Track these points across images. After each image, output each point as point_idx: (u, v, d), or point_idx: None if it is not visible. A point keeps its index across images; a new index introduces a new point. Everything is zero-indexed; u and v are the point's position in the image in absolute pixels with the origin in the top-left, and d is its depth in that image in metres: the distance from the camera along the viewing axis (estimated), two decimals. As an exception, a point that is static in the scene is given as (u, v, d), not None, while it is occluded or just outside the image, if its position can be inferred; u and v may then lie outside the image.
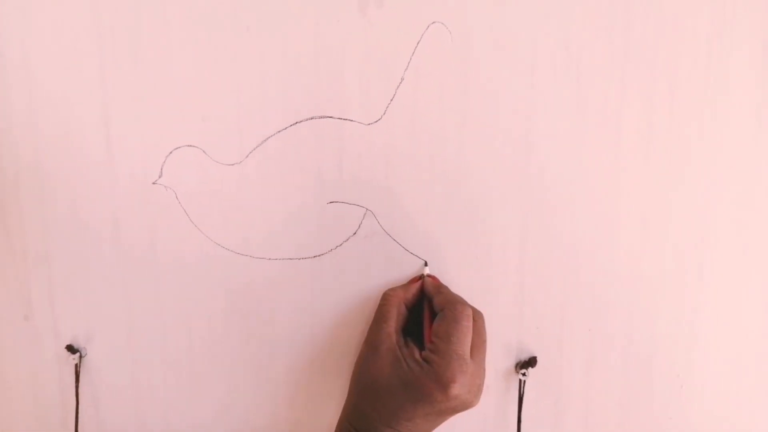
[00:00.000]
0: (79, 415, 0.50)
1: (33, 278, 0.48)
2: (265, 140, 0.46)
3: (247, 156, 0.46)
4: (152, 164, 0.46)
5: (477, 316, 0.43)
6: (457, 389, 0.39)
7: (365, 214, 0.47)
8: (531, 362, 0.48)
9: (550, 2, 0.43)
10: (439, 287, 0.45)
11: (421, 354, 0.41)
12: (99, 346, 0.49)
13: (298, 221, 0.46)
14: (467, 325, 0.41)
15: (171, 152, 0.46)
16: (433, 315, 0.44)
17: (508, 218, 0.46)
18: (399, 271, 0.47)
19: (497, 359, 0.48)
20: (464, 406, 0.40)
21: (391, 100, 0.45)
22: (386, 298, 0.45)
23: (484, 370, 0.42)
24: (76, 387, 0.49)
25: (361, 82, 0.44)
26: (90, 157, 0.46)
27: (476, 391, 0.41)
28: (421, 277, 0.46)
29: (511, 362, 0.49)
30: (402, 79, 0.44)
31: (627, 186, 0.46)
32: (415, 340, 0.43)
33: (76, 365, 0.49)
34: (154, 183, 0.46)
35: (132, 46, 0.44)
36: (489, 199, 0.46)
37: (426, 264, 0.47)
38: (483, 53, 0.44)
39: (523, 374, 0.48)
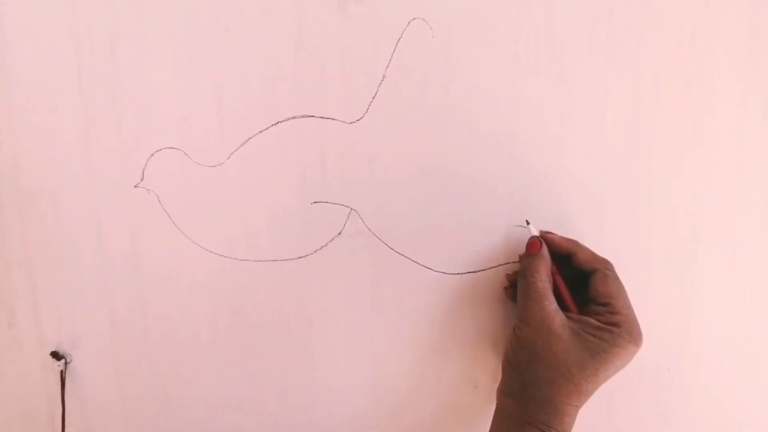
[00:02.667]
0: (66, 421, 0.49)
1: (16, 285, 0.47)
2: (246, 141, 0.45)
3: (229, 157, 0.45)
4: (133, 167, 0.46)
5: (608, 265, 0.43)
6: (641, 343, 0.40)
7: (350, 213, 0.46)
8: (520, 360, 0.47)
9: (531, -4, 0.43)
10: (575, 242, 0.44)
11: (599, 320, 0.40)
12: (84, 352, 0.49)
13: (282, 222, 0.46)
14: (620, 280, 0.41)
15: (152, 155, 0.45)
16: (569, 272, 0.43)
17: (492, 214, 0.46)
18: (385, 270, 0.47)
19: (486, 357, 0.48)
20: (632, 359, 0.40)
21: (373, 98, 0.44)
22: (535, 273, 0.41)
23: None
24: (62, 393, 0.49)
25: (342, 81, 0.44)
26: (70, 161, 0.45)
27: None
28: (540, 240, 0.43)
29: (500, 360, 0.48)
30: (384, 76, 0.44)
31: (612, 180, 0.46)
32: (569, 313, 0.41)
33: (61, 372, 0.49)
34: (135, 186, 0.46)
35: (110, 47, 0.44)
36: (474, 196, 0.46)
37: (528, 222, 0.44)
38: (464, 48, 0.44)
39: (512, 372, 0.47)
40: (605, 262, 0.42)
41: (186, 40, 0.44)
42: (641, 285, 0.47)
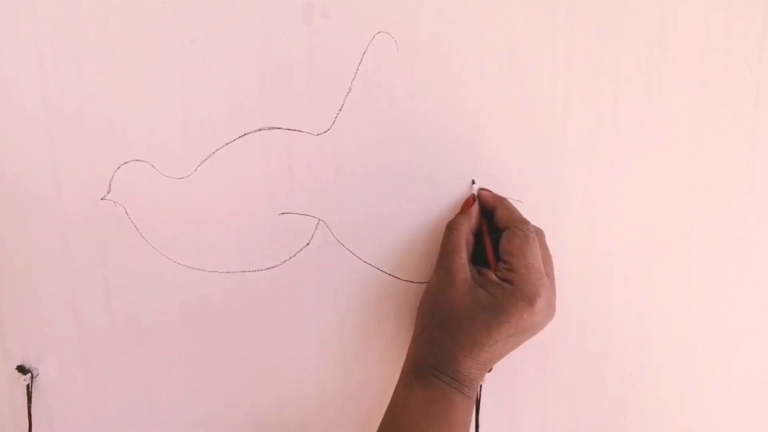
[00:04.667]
0: (33, 436, 0.49)
1: (-19, 298, 0.47)
2: (213, 153, 0.45)
3: (196, 169, 0.45)
4: (100, 180, 0.45)
5: (539, 232, 0.44)
6: (541, 303, 0.39)
7: (318, 224, 0.46)
8: (487, 367, 0.48)
9: (494, 10, 0.44)
10: (501, 199, 0.45)
11: (497, 275, 0.41)
12: (51, 365, 0.48)
13: (249, 233, 0.46)
14: (535, 241, 0.41)
15: (119, 167, 0.45)
16: (493, 233, 0.43)
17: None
18: (354, 280, 0.47)
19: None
20: (544, 322, 0.41)
21: (340, 110, 0.45)
22: (453, 229, 0.43)
23: (555, 287, 0.42)
24: (29, 408, 0.48)
25: (308, 93, 0.44)
26: (35, 174, 0.45)
27: (553, 307, 0.41)
28: (474, 198, 0.45)
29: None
30: (350, 89, 0.45)
31: (573, 187, 0.47)
32: (480, 266, 0.43)
33: (27, 386, 0.48)
34: (102, 198, 0.46)
35: (75, 59, 0.44)
36: (440, 206, 0.46)
37: (474, 182, 0.46)
38: (429, 61, 0.44)
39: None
40: (521, 222, 0.42)
41: (152, 52, 0.44)
42: (603, 291, 0.48)
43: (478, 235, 0.45)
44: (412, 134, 0.45)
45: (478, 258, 0.44)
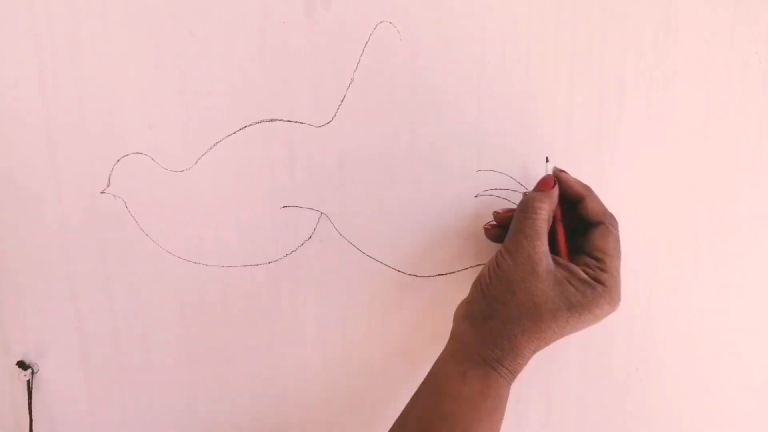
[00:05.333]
0: (33, 432, 0.48)
1: (-20, 294, 0.47)
2: (214, 145, 0.45)
3: (196, 162, 0.45)
4: (99, 173, 0.45)
5: (613, 223, 0.41)
6: (620, 302, 0.39)
7: (320, 217, 0.46)
8: (491, 361, 0.48)
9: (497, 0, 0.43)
10: (589, 188, 0.41)
11: (586, 272, 0.38)
12: (51, 361, 0.48)
13: (251, 227, 0.46)
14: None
15: (118, 160, 0.45)
16: (569, 221, 0.41)
17: (462, 216, 0.46)
18: (356, 273, 0.47)
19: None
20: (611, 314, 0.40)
21: (342, 101, 0.44)
22: (536, 209, 0.39)
23: None
24: (29, 404, 0.48)
25: (310, 84, 0.44)
26: (34, 168, 0.45)
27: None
28: (554, 179, 0.41)
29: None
30: (352, 79, 0.44)
31: (578, 177, 0.46)
32: (560, 259, 0.40)
33: (28, 381, 0.48)
34: (102, 192, 0.45)
35: (73, 52, 0.43)
36: (443, 198, 0.46)
37: (547, 159, 0.43)
38: (431, 51, 0.44)
39: (484, 374, 0.47)
40: (612, 218, 0.40)
41: (151, 44, 0.43)
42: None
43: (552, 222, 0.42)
44: (414, 126, 0.45)
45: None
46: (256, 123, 0.44)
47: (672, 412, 0.50)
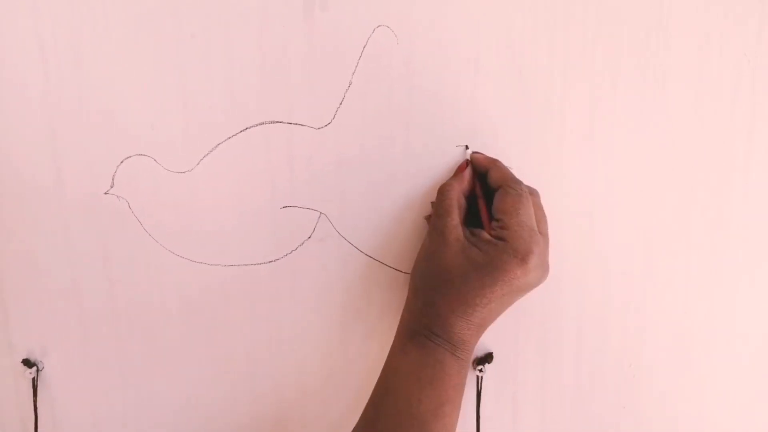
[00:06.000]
0: (38, 430, 0.49)
1: (-15, 293, 0.47)
2: (215, 147, 0.46)
3: (198, 163, 0.46)
4: (103, 175, 0.46)
5: (534, 192, 0.44)
6: (534, 260, 0.39)
7: (319, 217, 0.47)
8: (487, 358, 0.49)
9: (492, 3, 0.44)
10: (493, 160, 0.45)
11: (490, 233, 0.41)
12: (56, 359, 0.49)
13: (251, 227, 0.47)
14: (528, 199, 0.42)
15: (121, 162, 0.46)
16: (488, 194, 0.44)
17: (459, 217, 0.47)
18: (355, 273, 0.48)
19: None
20: (538, 280, 0.41)
21: (340, 103, 0.45)
22: (445, 192, 0.43)
23: (548, 246, 0.42)
24: (34, 401, 0.49)
25: (309, 87, 0.45)
26: (38, 169, 0.45)
27: (547, 266, 0.41)
28: (468, 162, 0.45)
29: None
30: (350, 82, 0.45)
31: (572, 179, 0.47)
32: (475, 229, 0.42)
33: (33, 379, 0.48)
34: (105, 193, 0.46)
35: (76, 56, 0.44)
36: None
37: (467, 147, 0.46)
38: (428, 55, 0.45)
39: (480, 370, 0.48)
40: (514, 182, 0.43)
41: (153, 47, 0.44)
42: (602, 282, 0.48)
43: (472, 198, 0.45)
44: (411, 127, 0.46)
45: (473, 221, 0.44)
46: (257, 125, 0.45)
47: (665, 407, 0.51)
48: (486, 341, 0.49)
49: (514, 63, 0.45)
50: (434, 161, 0.46)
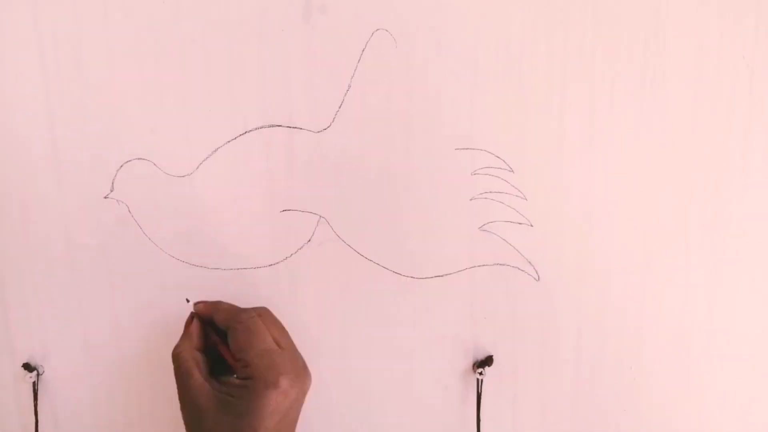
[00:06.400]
0: (39, 433, 0.49)
1: (-14, 297, 0.48)
2: (215, 151, 0.46)
3: (197, 167, 0.46)
4: (103, 178, 0.46)
5: (262, 312, 0.43)
6: (285, 381, 0.38)
7: (319, 221, 0.47)
8: (488, 361, 0.49)
9: (490, 7, 0.44)
10: (213, 305, 0.44)
11: (238, 376, 0.40)
12: (56, 363, 0.49)
13: (251, 230, 0.47)
14: (258, 325, 0.41)
15: (121, 166, 0.46)
16: (223, 336, 0.42)
17: (457, 219, 0.47)
18: (355, 276, 0.48)
19: (455, 360, 0.49)
20: (302, 391, 0.40)
21: (339, 107, 0.45)
22: (177, 357, 0.42)
23: (297, 350, 0.42)
24: (35, 405, 0.49)
25: (308, 91, 0.45)
26: (39, 173, 0.46)
27: (303, 372, 0.41)
28: (192, 315, 0.44)
29: (469, 362, 0.49)
30: (349, 86, 0.45)
31: (571, 182, 0.47)
32: (222, 377, 0.42)
33: (33, 383, 0.49)
34: (105, 197, 0.46)
35: (76, 60, 0.44)
36: (438, 201, 0.47)
37: (188, 300, 0.46)
38: (426, 58, 0.45)
39: (480, 373, 0.48)
40: (238, 315, 0.42)
41: (152, 51, 0.44)
42: (601, 286, 0.48)
43: (214, 347, 0.43)
44: (410, 130, 0.46)
45: (223, 367, 0.43)
46: (256, 129, 0.45)
47: (665, 410, 0.51)
48: (486, 344, 0.49)
49: (513, 66, 0.45)
50: (433, 164, 0.46)
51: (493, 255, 0.48)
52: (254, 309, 0.43)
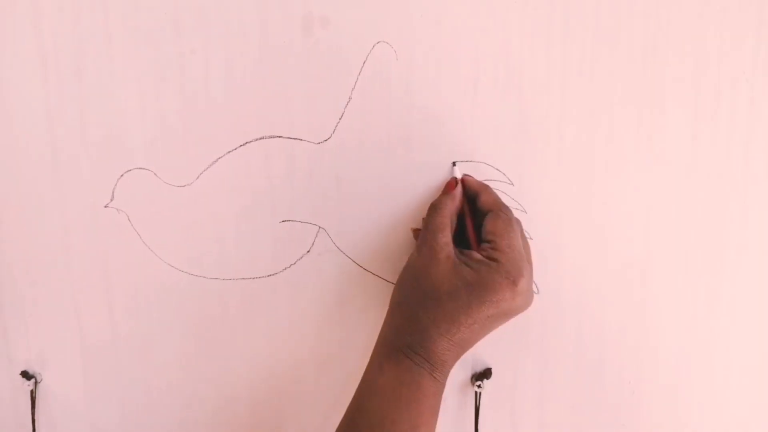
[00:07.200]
0: (36, 442, 0.49)
1: (-15, 305, 0.48)
2: (215, 161, 0.46)
3: (198, 177, 0.46)
4: (103, 188, 0.46)
5: (518, 222, 0.44)
6: (524, 284, 0.39)
7: (318, 231, 0.47)
8: (486, 374, 0.48)
9: (490, 20, 0.44)
10: (484, 185, 0.45)
11: (482, 254, 0.40)
12: (54, 371, 0.49)
13: (250, 241, 0.47)
14: (518, 226, 0.42)
15: (122, 175, 0.46)
16: (476, 217, 0.44)
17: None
18: (354, 288, 0.48)
19: (453, 372, 0.48)
20: (523, 306, 0.41)
21: (340, 119, 0.45)
22: (438, 208, 0.43)
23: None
24: (32, 413, 0.49)
25: (309, 102, 0.45)
26: (39, 181, 0.46)
27: (532, 294, 0.41)
28: (457, 180, 0.45)
29: (467, 375, 0.49)
30: (350, 98, 0.45)
31: (569, 195, 0.47)
32: (464, 249, 0.42)
33: (31, 391, 0.49)
34: (105, 206, 0.46)
35: (77, 69, 0.44)
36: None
37: (454, 164, 0.46)
38: (427, 72, 0.45)
39: (479, 386, 0.48)
40: (503, 206, 0.43)
41: (153, 62, 0.44)
42: (601, 298, 0.48)
43: (460, 218, 0.44)
44: (410, 143, 0.46)
45: (459, 242, 0.44)
46: (257, 139, 0.45)
47: (664, 424, 0.50)
48: (485, 357, 0.49)
49: (513, 79, 0.45)
50: (433, 177, 0.46)
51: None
52: (515, 216, 0.44)
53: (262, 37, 0.44)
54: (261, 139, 0.45)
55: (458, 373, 0.49)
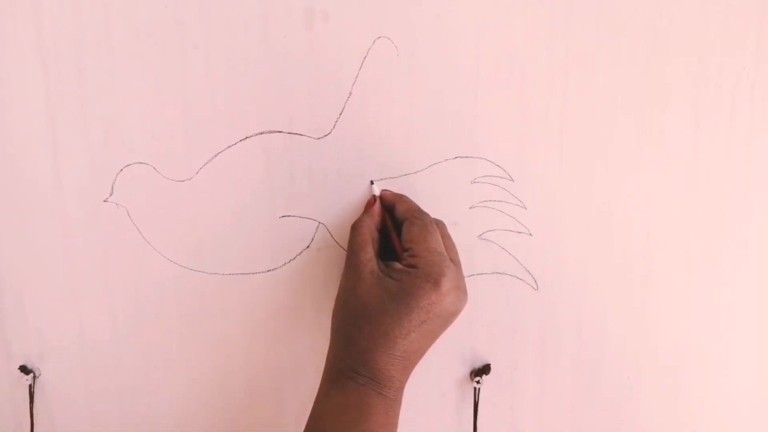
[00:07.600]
0: (34, 436, 0.49)
1: (-17, 299, 0.48)
2: (215, 156, 0.46)
3: (197, 172, 0.46)
4: (103, 182, 0.46)
5: (440, 222, 0.44)
6: (447, 284, 0.39)
7: (318, 227, 0.47)
8: (485, 369, 0.48)
9: (492, 15, 0.44)
10: (399, 195, 0.45)
11: (402, 263, 0.41)
12: (53, 365, 0.49)
13: (250, 236, 0.47)
14: (435, 228, 0.42)
15: (121, 170, 0.46)
16: (398, 227, 0.44)
17: (456, 228, 0.47)
18: (353, 282, 0.48)
19: (452, 368, 0.49)
20: (455, 306, 0.40)
21: (340, 114, 0.45)
22: (356, 228, 0.43)
23: (462, 272, 0.42)
24: (31, 408, 0.49)
25: (309, 97, 0.45)
26: (38, 176, 0.46)
27: (463, 292, 0.41)
28: (375, 198, 0.46)
29: (466, 370, 0.49)
30: (350, 93, 0.45)
31: (571, 192, 0.47)
32: (389, 261, 0.43)
33: (30, 386, 0.48)
34: (105, 201, 0.46)
35: (77, 63, 0.44)
36: (438, 208, 0.46)
37: (372, 182, 0.46)
38: (427, 66, 0.45)
39: (478, 382, 0.48)
40: (419, 213, 0.43)
41: (154, 56, 0.44)
42: (600, 295, 0.48)
43: (384, 232, 0.45)
44: (410, 138, 0.46)
45: (390, 257, 0.44)
46: (257, 134, 0.45)
47: (663, 421, 0.51)
48: (483, 352, 0.49)
49: (514, 74, 0.45)
50: (434, 172, 0.46)
51: (492, 264, 0.48)
52: (434, 218, 0.44)
53: (263, 32, 0.44)
54: (261, 134, 0.45)
55: (457, 369, 0.49)
